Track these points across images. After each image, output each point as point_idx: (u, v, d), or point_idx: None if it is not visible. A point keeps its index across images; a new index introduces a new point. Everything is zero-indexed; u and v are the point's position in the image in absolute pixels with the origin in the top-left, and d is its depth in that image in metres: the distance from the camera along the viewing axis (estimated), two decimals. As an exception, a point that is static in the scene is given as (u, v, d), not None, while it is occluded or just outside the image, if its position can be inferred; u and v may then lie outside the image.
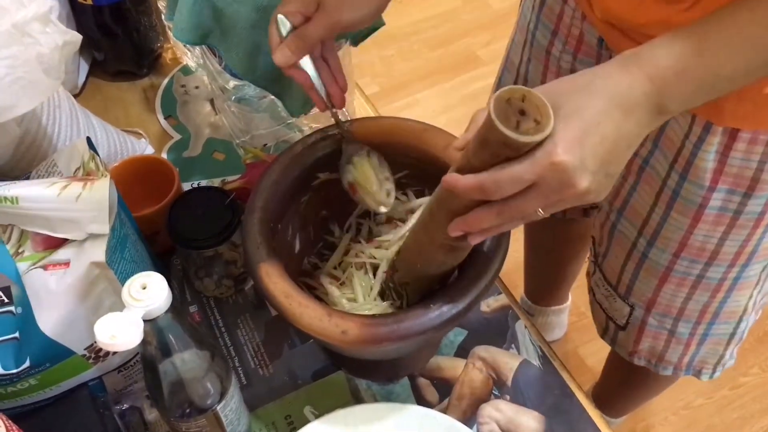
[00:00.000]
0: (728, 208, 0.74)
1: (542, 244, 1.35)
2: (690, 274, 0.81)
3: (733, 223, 0.75)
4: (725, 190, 0.73)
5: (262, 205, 0.67)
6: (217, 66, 0.89)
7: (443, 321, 0.59)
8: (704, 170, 0.72)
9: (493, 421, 0.74)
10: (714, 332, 0.88)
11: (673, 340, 0.89)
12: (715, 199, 0.73)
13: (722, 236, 0.76)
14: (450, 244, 0.58)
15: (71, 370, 0.67)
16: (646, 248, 0.82)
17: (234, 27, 0.79)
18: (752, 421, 1.48)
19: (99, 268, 0.63)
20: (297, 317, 0.59)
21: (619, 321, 0.94)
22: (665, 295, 0.84)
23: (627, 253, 0.86)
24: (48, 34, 0.71)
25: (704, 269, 0.80)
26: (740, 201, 0.73)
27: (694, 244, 0.78)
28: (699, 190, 0.73)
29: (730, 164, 0.71)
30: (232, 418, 0.66)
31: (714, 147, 0.70)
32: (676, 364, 0.93)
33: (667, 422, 1.48)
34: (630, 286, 0.88)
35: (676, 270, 0.81)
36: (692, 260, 0.79)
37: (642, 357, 0.95)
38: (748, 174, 0.71)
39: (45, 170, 0.72)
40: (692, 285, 0.82)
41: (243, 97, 0.93)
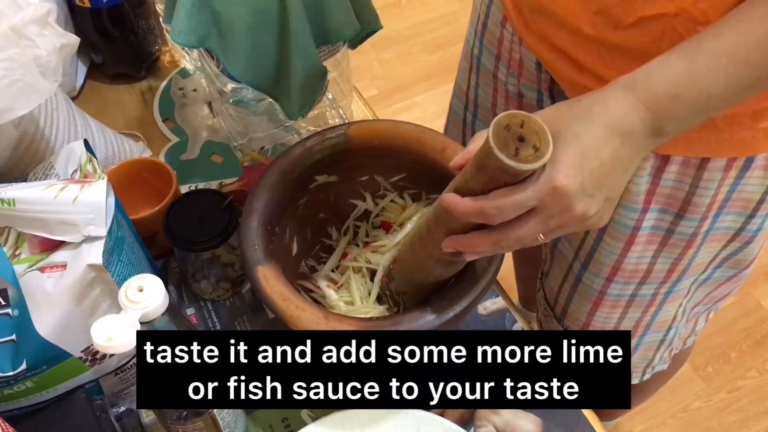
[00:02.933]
0: (660, 227, 0.74)
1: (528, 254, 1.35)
2: (623, 295, 0.81)
3: (665, 241, 0.75)
4: (657, 209, 0.73)
5: (259, 208, 0.67)
6: (215, 69, 0.89)
7: (440, 324, 0.59)
8: (637, 193, 0.72)
9: (491, 423, 0.74)
10: (644, 342, 0.88)
11: None
12: (648, 219, 0.74)
13: (654, 254, 0.77)
14: (446, 259, 0.58)
15: (68, 372, 0.67)
16: (581, 271, 0.83)
17: (232, 30, 0.79)
18: (750, 424, 1.48)
19: (96, 270, 0.63)
20: (294, 320, 0.59)
21: None
22: (599, 318, 0.85)
23: (564, 275, 0.86)
24: (45, 37, 0.71)
25: (637, 288, 0.81)
26: (672, 221, 0.73)
27: (627, 267, 0.78)
28: (632, 213, 0.74)
29: (663, 185, 0.71)
30: (229, 421, 0.66)
31: (646, 171, 0.71)
32: None
33: (664, 425, 1.48)
34: (565, 308, 0.89)
35: (609, 294, 0.82)
36: (625, 282, 0.80)
37: None
38: (680, 195, 0.71)
39: (42, 172, 0.72)
40: (625, 305, 0.83)
41: (241, 99, 0.93)
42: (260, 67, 0.83)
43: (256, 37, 0.80)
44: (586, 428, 0.74)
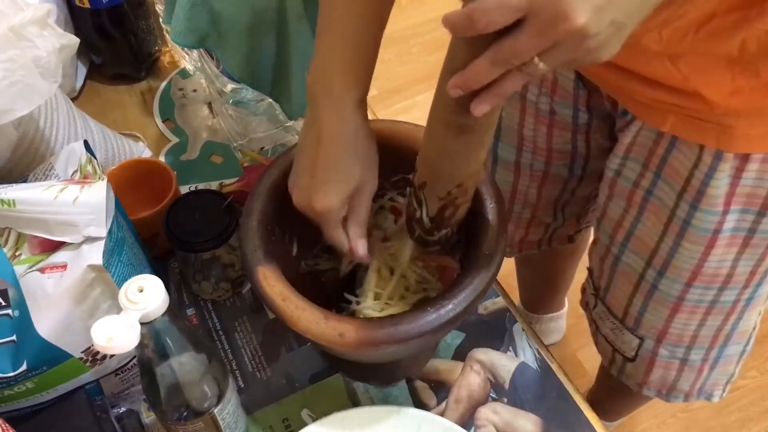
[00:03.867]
0: (741, 228, 0.73)
1: (531, 259, 1.34)
2: (703, 301, 0.79)
3: (746, 242, 0.74)
4: (738, 210, 0.71)
5: (259, 208, 0.67)
6: (215, 69, 0.89)
7: (441, 323, 0.59)
8: (717, 197, 0.70)
9: (491, 423, 0.74)
10: (726, 354, 0.86)
11: (685, 369, 0.87)
12: (729, 221, 0.72)
13: (736, 257, 0.75)
14: (456, 121, 0.54)
15: (68, 373, 0.67)
16: (656, 279, 0.81)
17: (231, 30, 0.79)
18: (750, 424, 1.48)
19: (96, 271, 0.63)
20: (294, 320, 0.59)
21: (627, 353, 0.91)
22: (677, 324, 0.83)
23: (634, 286, 0.84)
24: (45, 38, 0.71)
25: (717, 294, 0.78)
26: (754, 219, 0.72)
27: (708, 271, 0.76)
28: (712, 216, 0.72)
29: (743, 185, 0.70)
30: (229, 421, 0.66)
31: (726, 173, 0.69)
32: (688, 392, 0.91)
33: (665, 425, 1.48)
34: (639, 318, 0.86)
35: (688, 299, 0.80)
36: (705, 287, 0.78)
37: (652, 388, 0.93)
38: (762, 193, 0.70)
39: (42, 173, 0.72)
40: (705, 312, 0.80)
41: (241, 100, 0.93)
42: (260, 67, 0.83)
43: (256, 38, 0.80)
44: (586, 428, 0.74)
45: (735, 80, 0.63)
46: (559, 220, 1.01)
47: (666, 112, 0.70)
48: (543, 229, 1.03)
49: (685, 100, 0.67)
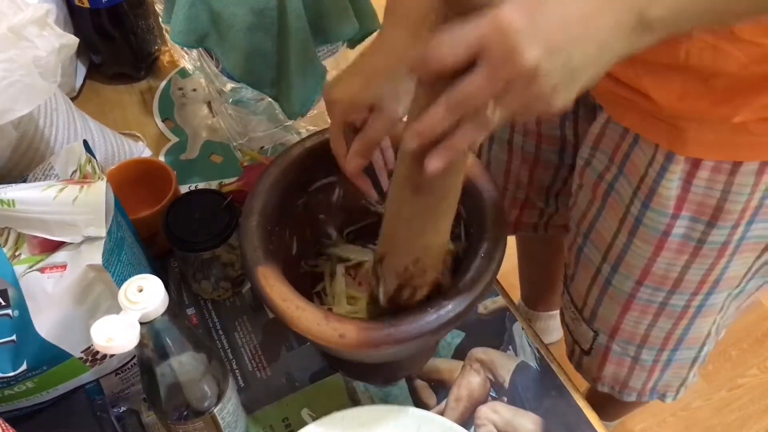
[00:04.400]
0: (692, 237, 0.73)
1: (534, 253, 1.35)
2: (653, 301, 0.80)
3: (696, 251, 0.74)
4: (688, 217, 0.72)
5: (259, 208, 0.67)
6: (214, 69, 0.89)
7: (441, 324, 0.59)
8: (667, 198, 0.71)
9: (491, 422, 0.74)
10: (677, 358, 0.87)
11: (636, 367, 0.88)
12: (679, 226, 0.72)
13: (686, 264, 0.75)
14: (413, 179, 0.54)
15: (68, 373, 0.67)
16: (610, 274, 0.82)
17: (231, 30, 0.79)
18: (750, 422, 1.48)
19: (96, 271, 0.63)
20: (294, 320, 0.59)
21: (583, 345, 0.93)
22: (629, 322, 0.84)
23: (592, 278, 0.85)
24: (45, 38, 0.71)
25: (667, 297, 0.79)
26: (703, 230, 0.72)
27: (657, 271, 0.77)
28: (662, 217, 0.72)
29: (694, 192, 0.70)
30: (229, 421, 0.66)
31: (677, 175, 0.69)
32: (640, 391, 0.92)
33: (665, 424, 1.48)
34: (594, 311, 0.87)
35: (639, 297, 0.80)
36: (655, 288, 0.79)
37: (605, 383, 0.94)
38: (711, 202, 0.70)
39: (42, 173, 0.72)
40: (655, 312, 0.81)
41: (240, 99, 0.93)
42: (259, 66, 0.83)
43: (255, 37, 0.80)
44: (586, 427, 0.74)
45: (684, 85, 0.63)
46: (552, 207, 1.02)
47: (626, 107, 0.70)
48: (538, 214, 1.04)
49: (639, 97, 0.67)
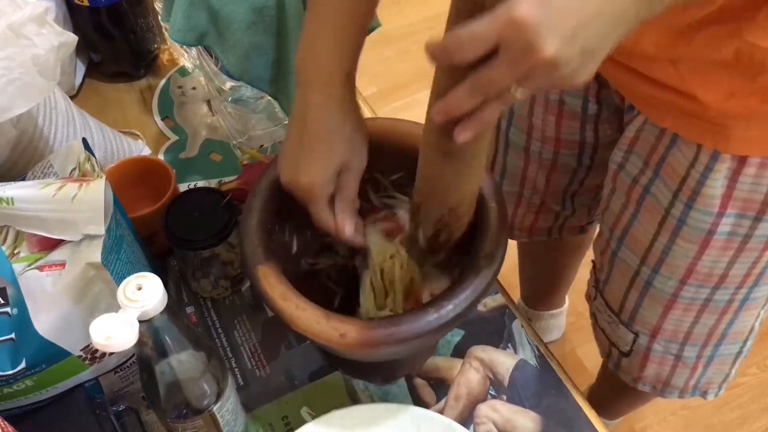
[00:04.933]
0: (738, 233, 0.72)
1: (535, 253, 1.34)
2: (697, 299, 0.79)
3: (742, 246, 0.73)
4: (734, 214, 0.71)
5: (259, 206, 0.66)
6: (214, 67, 0.89)
7: (441, 324, 0.58)
8: (712, 197, 0.70)
9: (490, 421, 0.74)
10: (721, 353, 0.86)
11: (679, 365, 0.88)
12: (724, 224, 0.72)
13: (731, 260, 0.75)
14: (442, 146, 0.55)
15: (67, 371, 0.67)
16: (650, 276, 0.81)
17: (230, 28, 0.79)
18: (750, 420, 1.48)
19: (95, 269, 0.63)
20: (294, 320, 0.59)
21: (622, 348, 0.92)
22: (671, 321, 0.83)
23: (630, 281, 0.84)
24: (44, 36, 0.71)
25: (711, 293, 0.78)
26: (750, 225, 0.71)
27: (702, 270, 0.76)
28: (707, 217, 0.72)
29: (739, 189, 0.69)
30: (228, 419, 0.66)
31: (722, 174, 0.69)
32: (683, 388, 0.91)
33: (665, 422, 1.48)
34: (633, 313, 0.86)
35: (682, 296, 0.80)
36: (699, 285, 0.78)
37: (647, 383, 0.93)
38: (758, 198, 0.69)
39: (41, 171, 0.72)
40: (699, 309, 0.80)
41: (240, 98, 0.93)
42: (259, 65, 0.83)
43: (255, 35, 0.80)
44: (585, 425, 0.74)
45: (731, 84, 0.63)
46: (569, 209, 1.02)
47: (666, 109, 0.70)
48: (553, 217, 1.03)
49: (683, 99, 0.67)
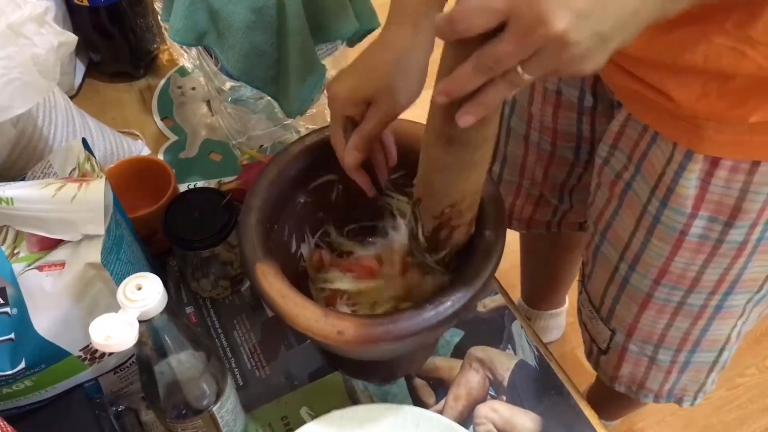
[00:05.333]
0: (709, 237, 0.73)
1: (538, 250, 1.35)
2: (670, 300, 0.80)
3: (714, 251, 0.74)
4: (706, 217, 0.72)
5: (258, 206, 0.66)
6: (214, 67, 0.89)
7: (439, 321, 0.59)
8: (685, 197, 0.71)
9: (490, 421, 0.74)
10: (695, 360, 0.87)
11: (653, 367, 0.88)
12: (696, 226, 0.72)
13: (703, 264, 0.75)
14: (446, 132, 0.55)
15: (67, 371, 0.67)
16: (628, 272, 0.82)
17: (230, 28, 0.79)
18: (749, 421, 1.48)
19: (94, 269, 0.63)
20: (293, 317, 0.59)
21: (600, 344, 0.93)
22: (646, 321, 0.84)
23: (609, 277, 0.85)
24: (43, 35, 0.71)
25: (685, 296, 0.79)
26: (721, 230, 0.72)
27: (675, 271, 0.77)
28: (680, 216, 0.72)
29: (712, 191, 0.70)
30: (228, 419, 0.66)
31: (695, 174, 0.69)
32: (657, 392, 0.92)
33: (664, 423, 1.48)
34: (612, 310, 0.87)
35: (656, 297, 0.80)
36: (673, 287, 0.78)
37: (622, 383, 0.94)
38: (730, 202, 0.70)
39: (41, 171, 0.72)
40: (673, 312, 0.81)
41: (239, 98, 0.93)
42: (259, 65, 0.83)
43: (255, 36, 0.80)
44: (585, 426, 0.74)
45: (704, 86, 0.63)
46: (567, 205, 1.02)
47: (648, 105, 0.70)
48: (551, 211, 1.04)
49: (661, 97, 0.67)
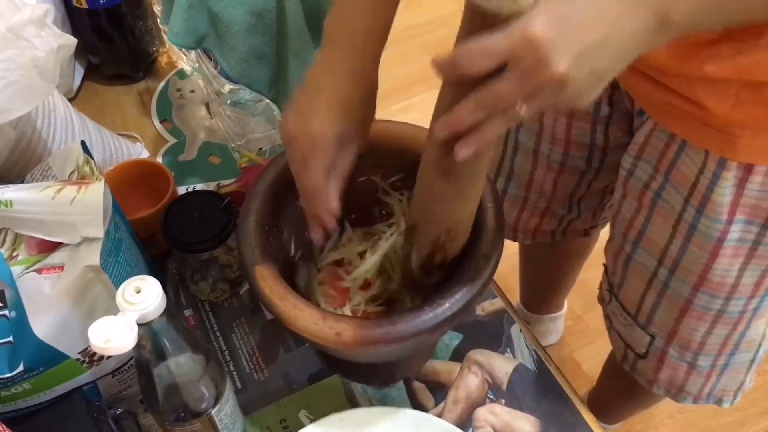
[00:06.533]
0: (746, 239, 0.73)
1: (537, 256, 1.34)
2: (710, 309, 0.80)
3: (751, 254, 0.74)
4: (743, 221, 0.71)
5: (257, 209, 0.66)
6: (213, 70, 0.89)
7: (437, 323, 0.58)
8: (721, 204, 0.71)
9: (489, 425, 0.74)
10: (734, 362, 0.86)
11: (693, 372, 0.88)
12: (733, 231, 0.72)
13: (741, 267, 0.75)
14: (443, 164, 0.55)
15: (65, 374, 0.67)
16: (668, 277, 0.81)
17: (229, 31, 0.79)
18: (749, 423, 1.48)
19: (93, 271, 0.63)
20: (292, 320, 0.59)
21: (638, 350, 0.92)
22: (686, 327, 0.83)
23: (647, 283, 0.84)
24: (43, 38, 0.71)
25: (724, 304, 0.79)
26: (758, 231, 0.72)
27: (714, 278, 0.76)
28: (716, 224, 0.72)
29: (747, 195, 0.69)
30: (227, 422, 0.66)
31: (730, 181, 0.69)
32: (696, 395, 0.91)
33: (663, 426, 1.48)
34: (651, 315, 0.87)
35: (696, 303, 0.80)
36: (712, 295, 0.78)
37: (661, 386, 0.93)
38: (766, 205, 0.70)
39: (40, 174, 0.72)
40: (713, 320, 0.81)
41: (238, 100, 0.93)
42: (258, 68, 0.83)
43: (254, 39, 0.80)
44: (584, 429, 0.74)
45: (738, 95, 0.63)
46: (574, 213, 1.02)
47: (675, 115, 0.70)
48: (557, 221, 1.04)
49: (691, 106, 0.67)
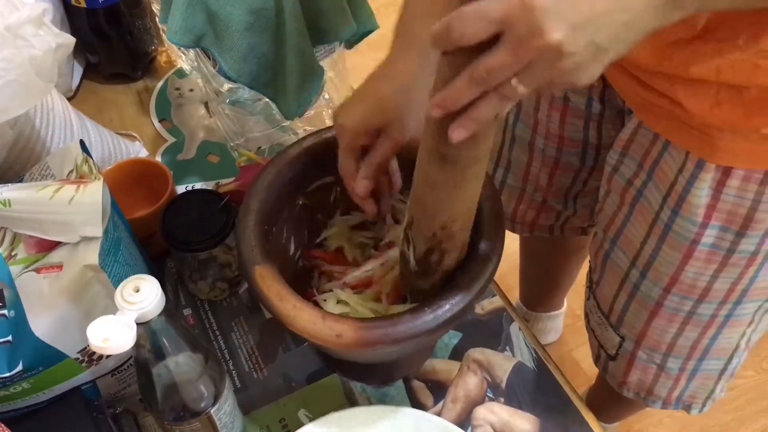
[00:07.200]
0: (721, 246, 0.73)
1: (538, 253, 1.35)
2: (680, 310, 0.80)
3: (725, 261, 0.74)
4: (718, 227, 0.71)
5: (256, 208, 0.66)
6: (212, 69, 0.89)
7: (438, 324, 0.59)
8: (697, 206, 0.71)
9: (488, 423, 0.74)
10: (704, 368, 0.87)
11: (662, 375, 0.88)
12: (708, 235, 0.72)
13: (714, 273, 0.75)
14: (439, 149, 0.54)
15: (64, 373, 0.67)
16: (639, 280, 0.81)
17: (228, 30, 0.79)
18: (747, 423, 1.49)
19: (92, 271, 0.63)
20: (291, 320, 0.59)
21: (609, 350, 0.93)
22: (655, 329, 0.83)
23: (620, 283, 0.85)
24: (41, 37, 0.71)
25: (695, 306, 0.79)
26: (733, 239, 0.72)
27: (685, 280, 0.77)
28: (691, 225, 0.72)
29: (724, 200, 0.69)
30: (226, 422, 0.66)
31: (707, 183, 0.69)
32: (665, 399, 0.92)
33: (661, 425, 1.48)
34: (621, 316, 0.87)
35: (666, 305, 0.80)
36: (683, 296, 0.78)
37: (631, 389, 0.94)
38: (742, 212, 0.69)
39: (38, 173, 0.72)
40: (683, 321, 0.81)
41: (237, 100, 0.93)
42: (257, 67, 0.83)
43: (253, 37, 0.80)
44: (583, 428, 0.74)
45: (717, 96, 0.63)
46: (570, 210, 1.02)
47: (659, 114, 0.70)
48: (555, 216, 1.04)
49: (673, 106, 0.67)
